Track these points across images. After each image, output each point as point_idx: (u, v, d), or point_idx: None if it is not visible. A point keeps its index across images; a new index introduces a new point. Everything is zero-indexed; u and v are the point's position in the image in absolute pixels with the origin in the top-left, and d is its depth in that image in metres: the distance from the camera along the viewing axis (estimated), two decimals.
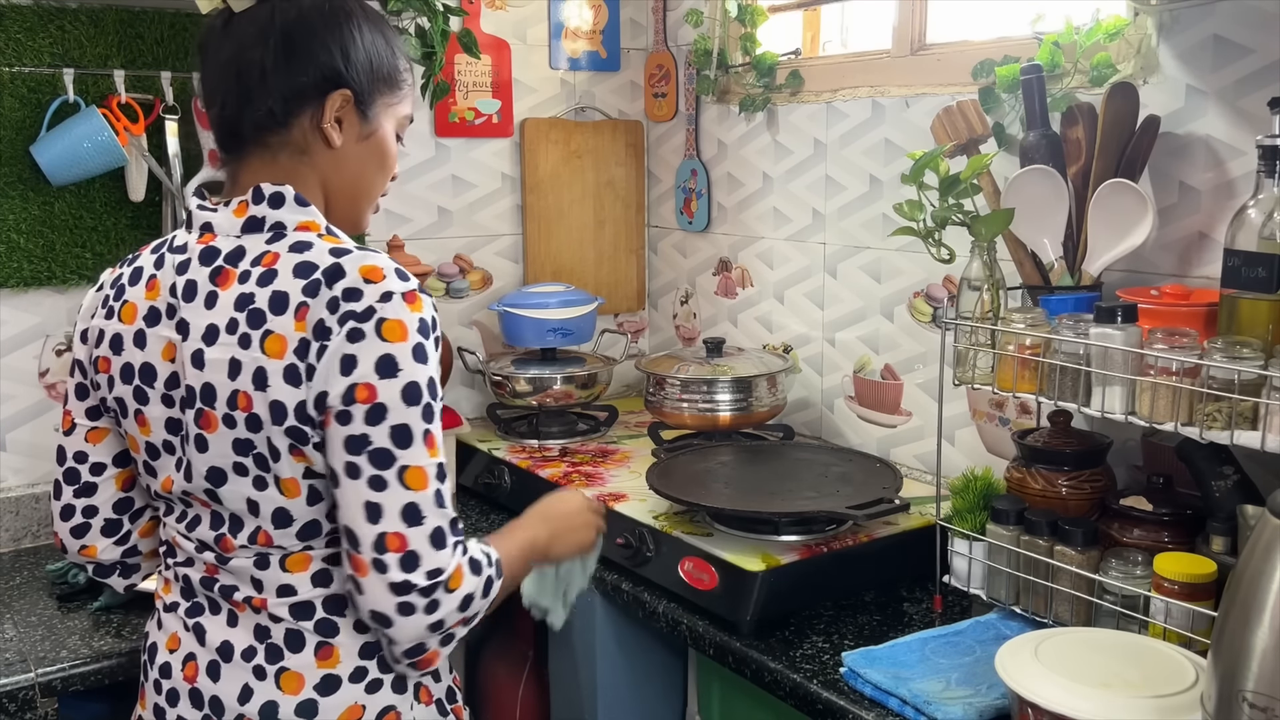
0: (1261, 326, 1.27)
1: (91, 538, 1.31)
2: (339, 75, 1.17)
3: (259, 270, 1.12)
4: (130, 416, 1.21)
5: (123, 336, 1.20)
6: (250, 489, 1.14)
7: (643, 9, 2.55)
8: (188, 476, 1.17)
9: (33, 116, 1.89)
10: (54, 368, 1.97)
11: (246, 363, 1.09)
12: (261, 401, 1.09)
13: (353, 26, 1.18)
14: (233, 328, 1.11)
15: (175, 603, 1.24)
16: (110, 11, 1.94)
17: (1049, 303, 1.49)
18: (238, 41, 1.16)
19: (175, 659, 1.22)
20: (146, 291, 1.19)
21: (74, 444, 1.29)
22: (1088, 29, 1.63)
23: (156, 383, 1.17)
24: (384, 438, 1.08)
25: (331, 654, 1.17)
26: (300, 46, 1.15)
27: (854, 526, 1.68)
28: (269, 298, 1.10)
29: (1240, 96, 1.49)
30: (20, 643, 1.56)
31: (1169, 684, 1.17)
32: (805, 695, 1.40)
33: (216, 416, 1.12)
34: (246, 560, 1.17)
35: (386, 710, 1.19)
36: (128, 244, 2.00)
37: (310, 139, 1.18)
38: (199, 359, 1.12)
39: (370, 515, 1.08)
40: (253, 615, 1.18)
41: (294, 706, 1.16)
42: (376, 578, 1.08)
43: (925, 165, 1.58)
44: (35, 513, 1.97)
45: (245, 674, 1.17)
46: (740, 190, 2.37)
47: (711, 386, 2.07)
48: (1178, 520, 1.42)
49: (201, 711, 1.19)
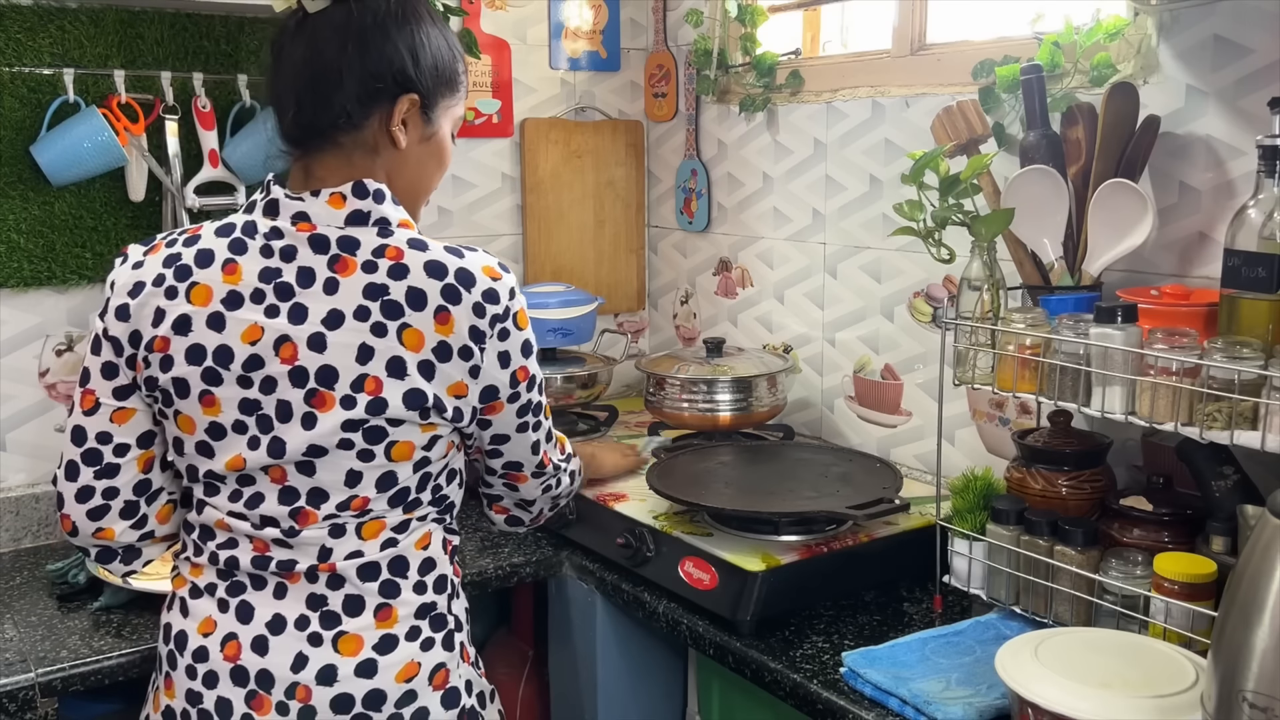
0: (1261, 326, 1.27)
1: (109, 520, 1.30)
2: (409, 79, 1.22)
3: (386, 263, 1.18)
4: (193, 397, 1.21)
5: (191, 318, 1.20)
6: (354, 461, 1.20)
7: (643, 9, 2.55)
8: (274, 453, 1.20)
9: (33, 116, 1.89)
10: (54, 368, 1.97)
11: (380, 350, 1.17)
12: (394, 388, 1.17)
13: (422, 30, 1.23)
14: (363, 315, 1.17)
15: (210, 584, 1.25)
16: (110, 11, 1.94)
17: (1049, 303, 1.49)
18: (314, 43, 1.20)
19: (212, 641, 1.23)
20: (224, 275, 1.21)
21: (97, 424, 1.27)
22: (1088, 29, 1.63)
23: (233, 364, 1.19)
24: (538, 395, 1.32)
25: (390, 614, 1.24)
26: (375, 49, 1.20)
27: (854, 526, 1.68)
28: (405, 292, 1.18)
29: (1240, 96, 1.49)
30: (20, 643, 1.56)
31: (1169, 684, 1.17)
32: (805, 695, 1.40)
33: (334, 397, 1.17)
34: (321, 530, 1.22)
35: (439, 667, 1.27)
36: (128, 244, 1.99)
37: (379, 139, 1.23)
38: (319, 342, 1.17)
39: (533, 450, 1.35)
40: (307, 586, 1.23)
41: (353, 668, 1.21)
42: (533, 484, 1.39)
43: (925, 165, 1.58)
44: (35, 513, 1.97)
45: (298, 643, 1.21)
46: (740, 190, 2.37)
47: (711, 386, 2.07)
48: (1178, 520, 1.42)
49: (245, 688, 1.21)
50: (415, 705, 1.25)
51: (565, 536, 1.88)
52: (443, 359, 1.19)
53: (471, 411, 1.25)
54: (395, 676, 1.23)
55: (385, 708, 1.23)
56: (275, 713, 1.21)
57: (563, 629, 1.87)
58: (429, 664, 1.26)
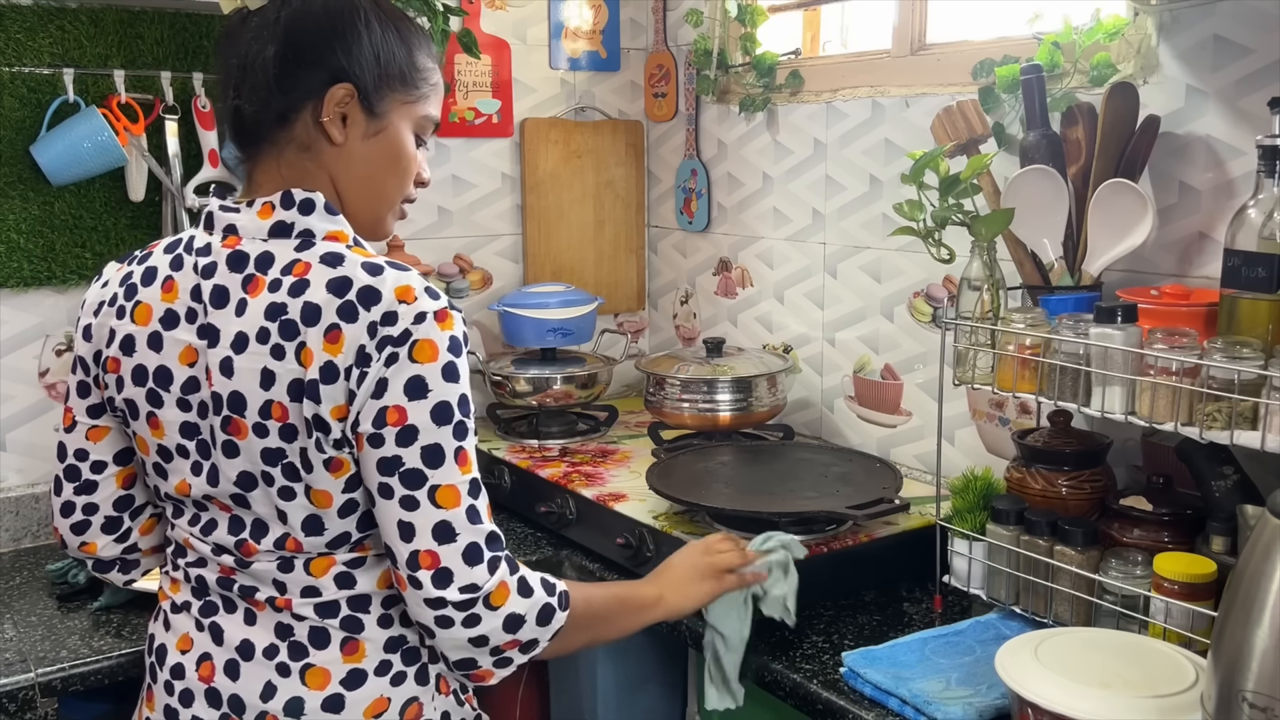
0: (1261, 326, 1.27)
1: (91, 535, 1.31)
2: (341, 70, 1.15)
3: (290, 280, 1.11)
4: (141, 418, 1.20)
5: (135, 338, 1.18)
6: (277, 499, 1.13)
7: (643, 9, 2.55)
8: (211, 481, 1.16)
9: (33, 116, 1.89)
10: (54, 368, 1.97)
11: (281, 374, 1.09)
12: (298, 413, 1.09)
13: (359, 21, 1.17)
14: (264, 337, 1.10)
15: (186, 602, 1.24)
16: (110, 11, 1.94)
17: (1049, 303, 1.49)
18: (245, 40, 1.16)
19: (188, 659, 1.21)
20: (163, 293, 1.18)
21: (74, 441, 1.29)
22: (1087, 29, 1.63)
23: (172, 386, 1.16)
24: (415, 458, 1.09)
25: (357, 649, 1.18)
26: (302, 42, 1.15)
27: (854, 526, 1.68)
28: (301, 309, 1.09)
29: (1240, 96, 1.49)
30: (20, 643, 1.56)
31: (1169, 684, 1.17)
32: (805, 695, 1.40)
33: (247, 425, 1.11)
34: (269, 564, 1.17)
35: (410, 702, 1.20)
36: (127, 244, 2.00)
37: (313, 135, 1.17)
38: (228, 367, 1.11)
39: (404, 534, 1.10)
40: (273, 614, 1.18)
41: (320, 701, 1.16)
42: (413, 593, 1.10)
43: (925, 165, 1.58)
44: (35, 513, 1.97)
45: (268, 671, 1.17)
46: (740, 190, 2.37)
47: (711, 386, 2.07)
48: (1178, 520, 1.42)
49: (219, 710, 1.19)
50: None
51: (565, 536, 1.88)
52: (328, 380, 1.07)
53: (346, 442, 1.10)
54: (364, 713, 1.17)
55: None
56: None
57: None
58: (399, 699, 1.19)
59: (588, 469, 2.03)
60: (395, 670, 1.19)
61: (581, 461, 2.09)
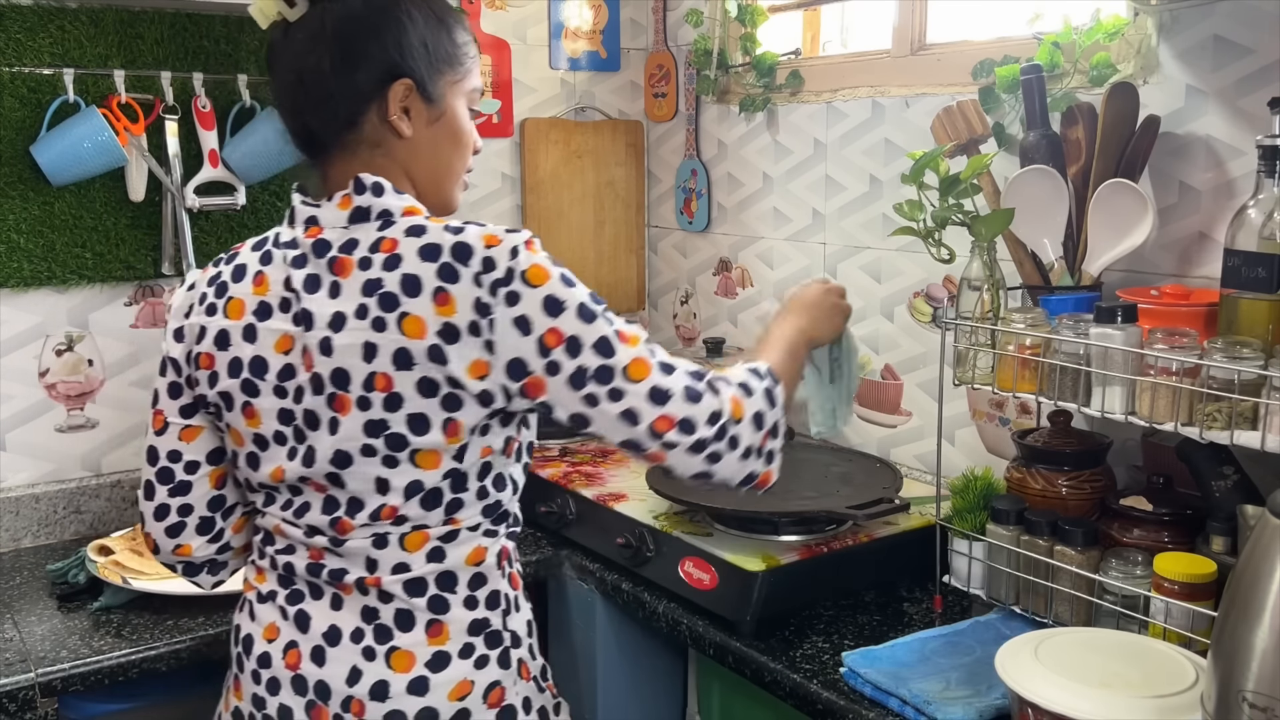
0: (1261, 326, 1.27)
1: (186, 536, 1.31)
2: (396, 66, 1.18)
3: (380, 256, 1.15)
4: (236, 410, 1.22)
5: (229, 332, 1.21)
6: (380, 468, 1.16)
7: (643, 9, 2.55)
8: (307, 462, 1.18)
9: (33, 116, 1.89)
10: (54, 368, 1.97)
11: (384, 345, 1.12)
12: (405, 380, 1.12)
13: (402, 14, 1.19)
14: (362, 313, 1.13)
15: (272, 591, 1.25)
16: (110, 11, 1.94)
17: (1049, 303, 1.49)
18: (296, 51, 1.19)
19: (275, 648, 1.23)
20: (254, 287, 1.21)
21: (167, 443, 1.29)
22: (1087, 29, 1.63)
23: (268, 374, 1.19)
24: (594, 359, 1.13)
25: (441, 631, 1.21)
26: (354, 46, 1.17)
27: (854, 526, 1.68)
28: (399, 281, 1.13)
29: (1240, 96, 1.49)
30: (20, 643, 1.56)
31: (1169, 684, 1.17)
32: (805, 695, 1.40)
33: (351, 399, 1.14)
34: (364, 540, 1.19)
35: (493, 685, 1.22)
36: (127, 244, 2.00)
37: (382, 133, 1.20)
38: (327, 346, 1.15)
39: (631, 420, 1.15)
40: (360, 598, 1.21)
41: (405, 684, 1.19)
42: (675, 454, 1.16)
43: (925, 165, 1.58)
44: (35, 513, 1.97)
45: (354, 656, 1.20)
46: (740, 190, 2.37)
47: None
48: (1178, 520, 1.42)
49: (305, 697, 1.21)
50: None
51: (565, 536, 1.88)
52: (451, 340, 1.12)
53: (504, 392, 1.14)
54: (448, 695, 1.20)
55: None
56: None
57: (563, 629, 1.87)
58: (483, 682, 1.22)
59: (588, 469, 2.03)
60: (478, 654, 1.22)
61: (581, 461, 2.09)
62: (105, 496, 2.03)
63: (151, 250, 2.02)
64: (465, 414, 1.14)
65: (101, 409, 2.03)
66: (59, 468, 2.01)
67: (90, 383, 2.00)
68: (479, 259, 1.13)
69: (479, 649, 1.22)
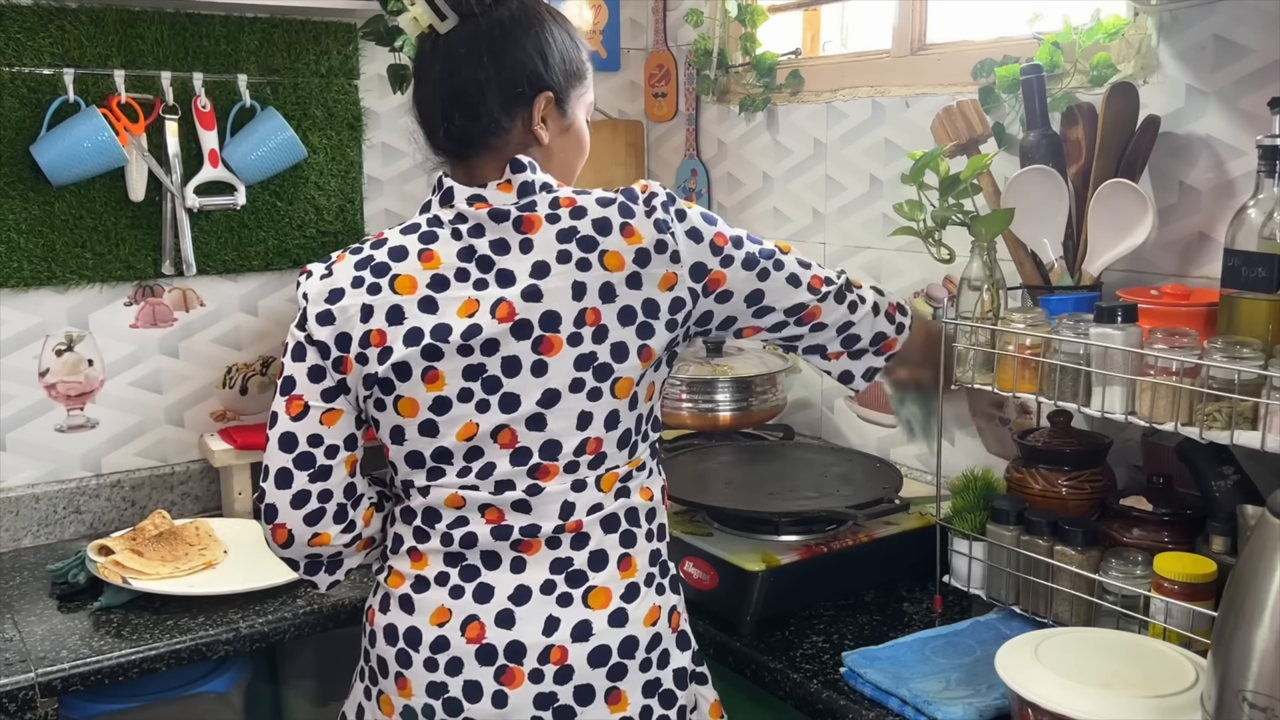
0: (1261, 326, 1.27)
1: (324, 525, 1.29)
2: (542, 79, 1.29)
3: (564, 210, 1.26)
4: (414, 378, 1.24)
5: (402, 306, 1.25)
6: (585, 401, 1.25)
7: (643, 9, 2.55)
8: (506, 408, 1.24)
9: (33, 116, 1.89)
10: (54, 368, 1.97)
11: (591, 282, 1.24)
12: (610, 312, 1.25)
13: (546, 31, 1.30)
14: (565, 257, 1.24)
15: (442, 574, 1.27)
16: (110, 11, 1.94)
17: (1049, 303, 1.49)
18: (451, 60, 1.27)
19: (450, 630, 1.25)
20: (423, 264, 1.26)
21: (307, 428, 1.28)
22: (1087, 29, 1.63)
23: (452, 336, 1.23)
24: (753, 245, 1.34)
25: (630, 564, 1.29)
26: (508, 57, 1.27)
27: (854, 526, 1.68)
28: (591, 224, 1.25)
29: (1240, 96, 1.49)
30: (20, 643, 1.56)
31: (1169, 684, 1.17)
32: (805, 695, 1.40)
33: (561, 338, 1.24)
34: (563, 485, 1.26)
35: (673, 610, 1.33)
36: (127, 244, 2.00)
37: (524, 139, 1.29)
38: (533, 294, 1.23)
39: (794, 284, 1.37)
40: (548, 552, 1.26)
41: (605, 619, 1.26)
42: (829, 304, 1.39)
43: (925, 165, 1.58)
44: (35, 513, 1.97)
45: (547, 607, 1.25)
46: (740, 190, 2.37)
47: (711, 386, 2.07)
48: (1178, 520, 1.42)
49: (494, 665, 1.24)
50: (660, 648, 1.29)
51: None
52: (643, 263, 1.26)
53: (690, 295, 1.28)
54: (643, 621, 1.27)
55: (638, 653, 1.27)
56: (529, 682, 1.23)
57: None
58: (665, 606, 1.31)
59: None
60: (658, 581, 1.32)
61: None
62: (105, 496, 2.03)
63: (151, 250, 2.02)
64: (655, 340, 1.27)
65: (101, 409, 2.03)
66: (59, 468, 2.01)
67: (90, 383, 2.00)
68: (643, 198, 1.28)
69: (658, 577, 1.32)
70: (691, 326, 1.33)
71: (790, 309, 1.37)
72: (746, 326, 1.37)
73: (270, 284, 2.17)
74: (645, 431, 1.33)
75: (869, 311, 1.44)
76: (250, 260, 2.12)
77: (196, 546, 1.83)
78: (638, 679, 1.26)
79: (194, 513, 2.11)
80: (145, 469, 2.08)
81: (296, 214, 2.15)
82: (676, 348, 1.33)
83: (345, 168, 2.19)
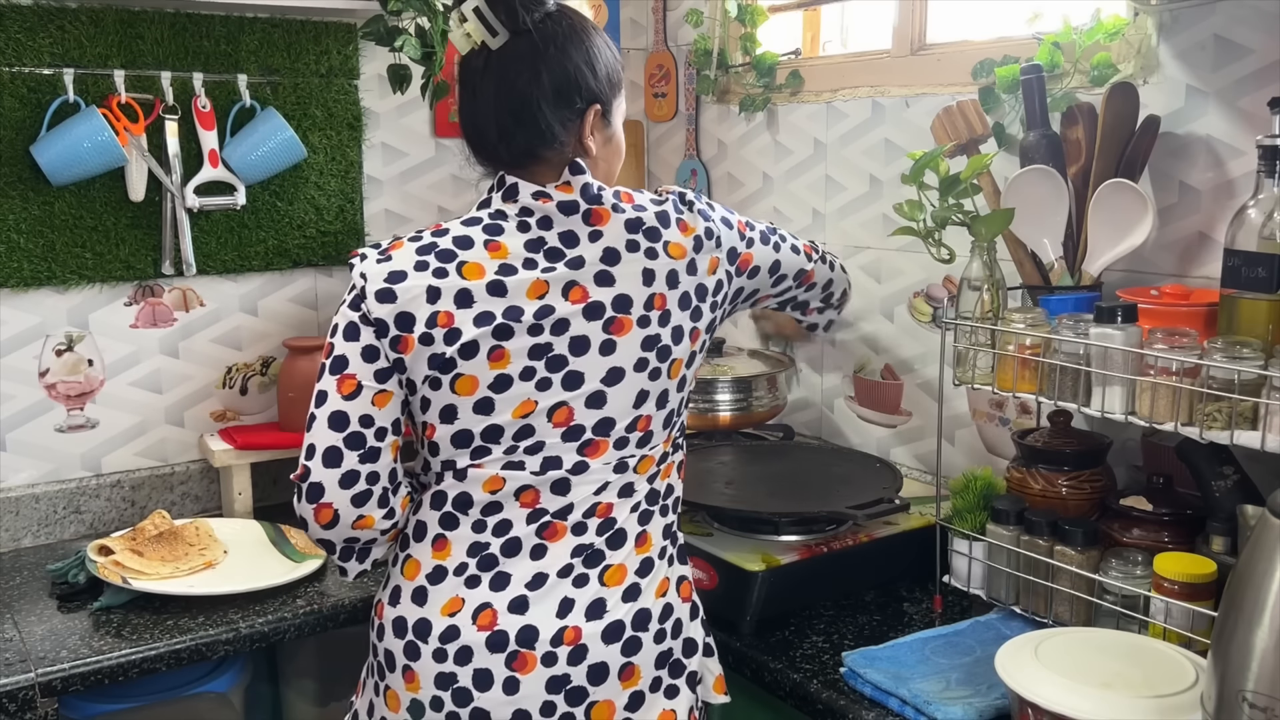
0: (1261, 326, 1.27)
1: (370, 507, 1.29)
2: (592, 91, 1.32)
3: (627, 205, 1.32)
4: (480, 356, 1.26)
5: (471, 291, 1.27)
6: (645, 380, 1.31)
7: (643, 9, 2.55)
8: (570, 385, 1.28)
9: (33, 116, 1.89)
10: (54, 368, 1.97)
11: (659, 269, 1.32)
12: (673, 297, 1.32)
13: (593, 44, 1.33)
14: (633, 246, 1.31)
15: (461, 564, 1.28)
16: (110, 11, 1.94)
17: (1049, 303, 1.49)
18: (504, 75, 1.29)
19: (461, 619, 1.26)
20: (490, 253, 1.29)
21: (359, 408, 1.26)
22: (1087, 29, 1.63)
23: (524, 317, 1.27)
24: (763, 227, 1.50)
25: (646, 540, 1.33)
26: (561, 72, 1.29)
27: (854, 526, 1.68)
28: (655, 216, 1.33)
29: (1240, 96, 1.49)
30: (20, 643, 1.56)
31: (1169, 684, 1.17)
32: (805, 695, 1.40)
33: (631, 320, 1.30)
34: (606, 466, 1.30)
35: (682, 580, 1.37)
36: (127, 244, 2.00)
37: (575, 149, 1.32)
38: (605, 278, 1.29)
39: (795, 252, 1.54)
40: (572, 539, 1.29)
41: (620, 595, 1.29)
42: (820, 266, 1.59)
43: (925, 165, 1.58)
44: (35, 512, 1.97)
45: (563, 589, 1.27)
46: (740, 190, 2.37)
47: (711, 386, 2.07)
48: (1178, 520, 1.42)
49: (505, 651, 1.24)
50: (673, 618, 1.33)
51: None
52: (698, 250, 1.35)
53: (728, 275, 1.40)
54: (654, 593, 1.31)
55: (651, 625, 1.30)
56: (541, 665, 1.24)
57: None
58: (674, 576, 1.35)
59: None
60: (669, 553, 1.36)
61: None
62: (105, 496, 2.03)
63: (151, 250, 2.02)
64: (703, 321, 1.37)
65: (101, 409, 2.03)
66: (59, 468, 2.01)
67: (90, 383, 2.00)
68: (677, 194, 1.39)
69: (670, 549, 1.36)
70: (727, 306, 1.43)
71: (796, 274, 1.54)
72: (764, 294, 1.52)
73: (270, 284, 2.17)
74: (682, 412, 1.39)
75: (839, 270, 1.64)
76: (250, 260, 2.12)
77: (196, 546, 1.83)
78: (651, 651, 1.30)
79: (194, 513, 2.11)
80: (145, 469, 2.08)
81: (296, 214, 2.15)
82: (715, 327, 1.42)
83: (345, 168, 2.19)
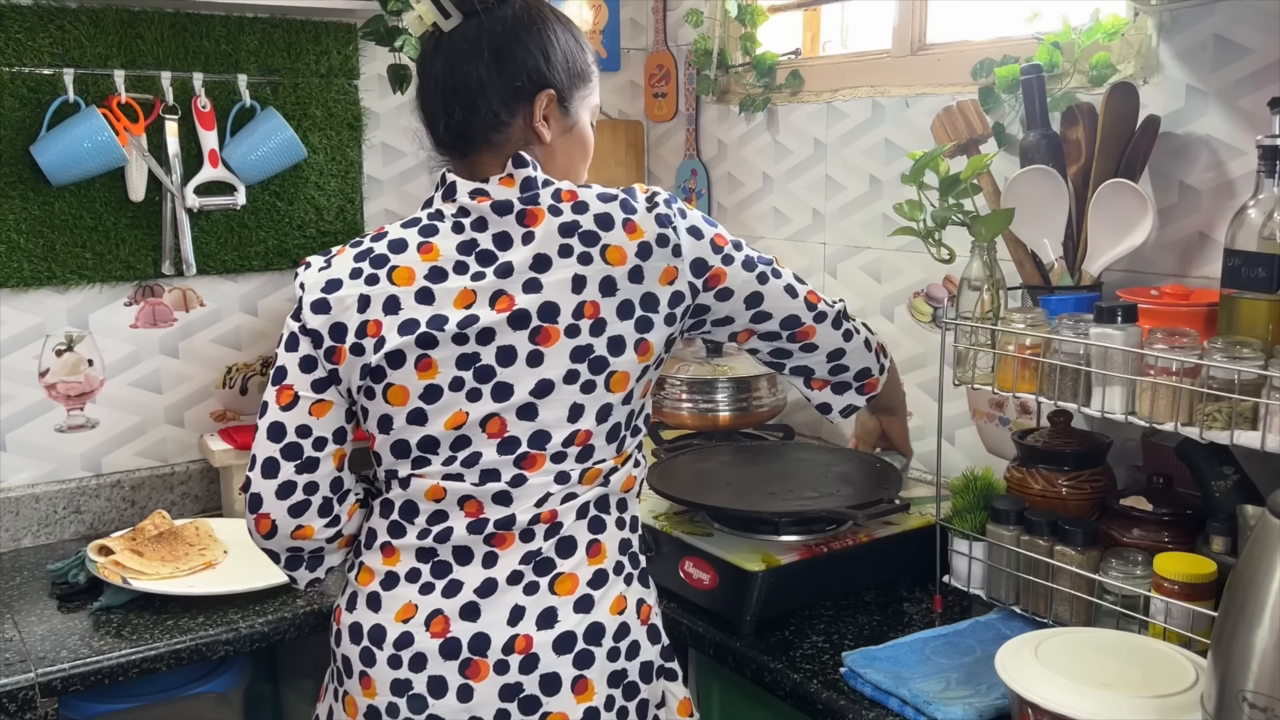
0: (1261, 326, 1.27)
1: (309, 517, 1.29)
2: (544, 77, 1.29)
3: (566, 204, 1.27)
4: (407, 366, 1.24)
5: (399, 297, 1.25)
6: (578, 394, 1.25)
7: (643, 9, 2.55)
8: (499, 397, 1.24)
9: (33, 116, 1.89)
10: (54, 368, 1.97)
11: (591, 275, 1.25)
12: (609, 306, 1.25)
13: (549, 30, 1.30)
14: (565, 251, 1.25)
15: (413, 570, 1.27)
16: (110, 11, 1.94)
17: (1049, 303, 1.49)
18: (453, 56, 1.28)
19: (414, 625, 1.25)
20: (421, 255, 1.27)
21: (295, 418, 1.27)
22: (1087, 29, 1.63)
23: (448, 325, 1.23)
24: (753, 251, 1.38)
25: (599, 550, 1.29)
26: (509, 55, 1.28)
27: (854, 526, 1.68)
28: (594, 219, 1.26)
29: (1240, 96, 1.49)
30: (20, 643, 1.56)
31: (1169, 684, 1.17)
32: (805, 695, 1.40)
33: (558, 329, 1.24)
34: (546, 478, 1.26)
35: (641, 602, 1.32)
36: (127, 244, 2.00)
37: (525, 135, 1.29)
38: (533, 285, 1.24)
39: (791, 295, 1.40)
40: (520, 546, 1.26)
41: (571, 605, 1.25)
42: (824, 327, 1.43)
43: (925, 165, 1.58)
44: (35, 512, 1.97)
45: (514, 597, 1.25)
46: (740, 190, 2.37)
47: (711, 386, 2.07)
48: (1178, 520, 1.42)
49: (459, 658, 1.23)
50: (629, 639, 1.28)
51: None
52: (645, 257, 1.27)
53: (690, 289, 1.30)
54: (609, 609, 1.27)
55: (605, 641, 1.26)
56: (494, 674, 1.23)
57: None
58: (633, 598, 1.30)
59: None
60: (626, 571, 1.31)
61: None
62: (105, 496, 2.03)
63: (151, 250, 2.02)
64: (654, 334, 1.28)
65: (101, 409, 2.03)
66: (59, 468, 2.01)
67: (90, 383, 2.00)
68: (643, 196, 1.31)
69: (627, 567, 1.31)
70: (689, 320, 1.34)
71: (786, 320, 1.40)
72: (743, 330, 1.39)
73: (270, 284, 2.17)
74: (635, 427, 1.33)
75: (861, 344, 1.47)
76: (250, 260, 2.12)
77: (196, 546, 1.83)
78: (604, 668, 1.26)
79: (194, 513, 2.11)
80: (145, 469, 2.08)
81: (296, 214, 2.15)
82: (673, 342, 1.33)
83: (345, 168, 2.19)
